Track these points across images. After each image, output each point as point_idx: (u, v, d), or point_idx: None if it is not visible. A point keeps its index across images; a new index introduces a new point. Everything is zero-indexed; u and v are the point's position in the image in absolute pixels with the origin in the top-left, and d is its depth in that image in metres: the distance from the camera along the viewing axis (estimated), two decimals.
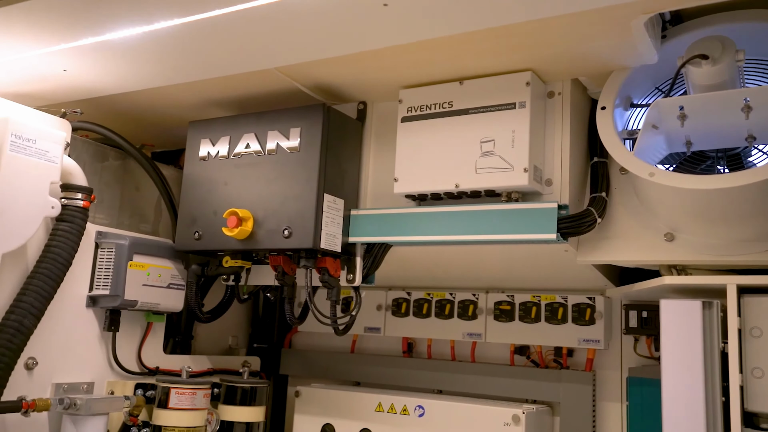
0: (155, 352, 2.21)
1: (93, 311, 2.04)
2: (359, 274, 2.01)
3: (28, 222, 1.74)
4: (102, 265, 2.03)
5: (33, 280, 1.78)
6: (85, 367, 2.00)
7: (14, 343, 1.70)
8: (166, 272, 2.15)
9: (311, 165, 1.89)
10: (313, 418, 2.24)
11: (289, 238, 1.88)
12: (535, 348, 2.21)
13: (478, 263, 2.11)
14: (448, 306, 2.31)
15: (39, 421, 1.86)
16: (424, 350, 2.42)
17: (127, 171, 2.29)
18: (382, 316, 2.44)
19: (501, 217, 1.71)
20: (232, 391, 2.21)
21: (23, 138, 1.72)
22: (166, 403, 2.00)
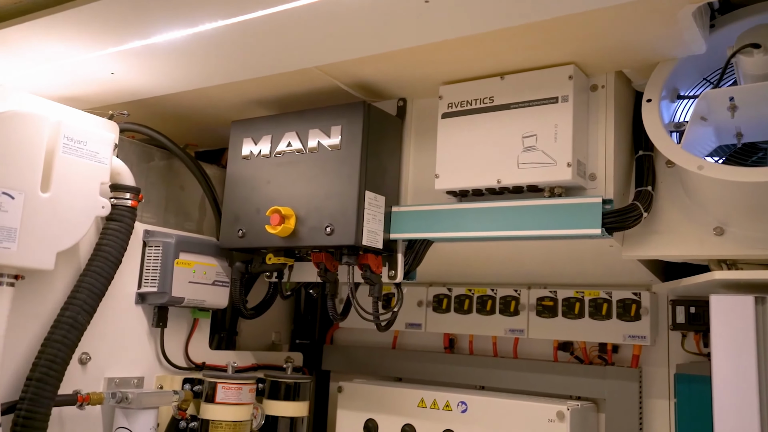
0: (201, 347, 2.26)
1: (142, 308, 2.09)
2: (401, 271, 2.02)
3: (81, 221, 1.79)
4: (150, 263, 2.09)
5: (85, 277, 1.83)
6: (136, 362, 2.05)
7: (69, 339, 1.75)
8: (211, 269, 2.19)
9: (352, 162, 1.90)
10: (355, 413, 2.26)
11: (331, 235, 1.90)
12: (579, 344, 2.19)
13: (519, 259, 2.09)
14: (489, 302, 2.30)
15: (93, 414, 1.92)
16: (466, 346, 2.42)
17: (172, 171, 2.34)
18: (423, 312, 2.44)
19: (544, 212, 1.70)
20: (276, 386, 2.24)
21: (75, 140, 1.77)
22: (213, 397, 2.04)
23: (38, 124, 1.69)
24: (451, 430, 2.06)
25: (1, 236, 1.58)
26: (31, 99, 1.84)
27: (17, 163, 1.63)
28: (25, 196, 1.64)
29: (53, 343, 1.73)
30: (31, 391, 1.67)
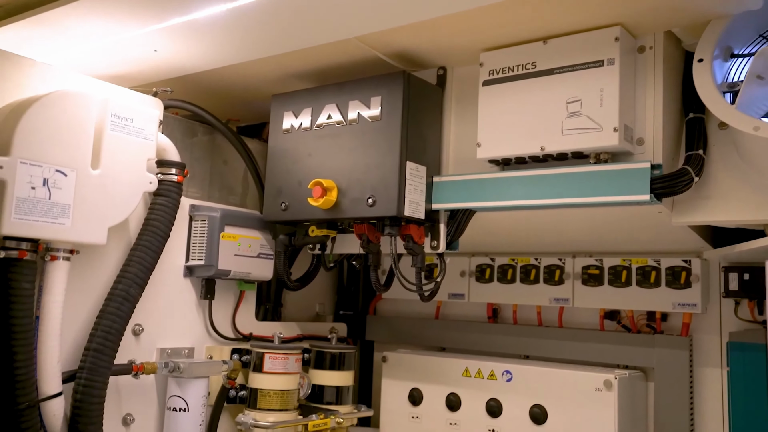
0: (248, 319, 2.30)
1: (190, 281, 2.14)
2: (443, 241, 2.01)
3: (130, 197, 1.83)
4: (196, 236, 2.13)
5: (136, 251, 1.88)
6: (186, 333, 2.11)
7: (122, 311, 1.81)
8: (255, 242, 2.22)
9: (393, 133, 1.89)
10: (400, 382, 2.28)
11: (373, 206, 1.91)
12: (627, 313, 2.16)
13: (564, 227, 2.07)
14: (533, 271, 2.29)
15: (147, 382, 1.99)
16: (510, 316, 2.41)
17: (215, 146, 2.37)
18: (466, 282, 2.44)
19: (590, 179, 1.66)
20: (322, 356, 2.28)
21: (122, 117, 1.81)
22: (260, 367, 2.09)
23: (87, 103, 1.73)
24: (496, 399, 2.07)
25: (56, 212, 1.63)
26: (79, 78, 1.88)
27: (68, 142, 1.67)
28: (77, 174, 1.68)
29: (108, 315, 1.79)
30: (89, 361, 1.74)
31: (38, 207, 1.60)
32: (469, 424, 2.11)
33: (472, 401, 2.11)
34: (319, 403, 2.23)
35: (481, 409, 2.09)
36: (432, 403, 2.19)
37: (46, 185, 1.61)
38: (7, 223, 1.54)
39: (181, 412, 1.94)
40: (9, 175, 1.55)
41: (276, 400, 2.07)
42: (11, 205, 1.55)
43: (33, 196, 1.59)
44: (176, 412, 1.94)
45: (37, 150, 1.60)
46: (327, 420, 2.12)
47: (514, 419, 2.02)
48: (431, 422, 2.18)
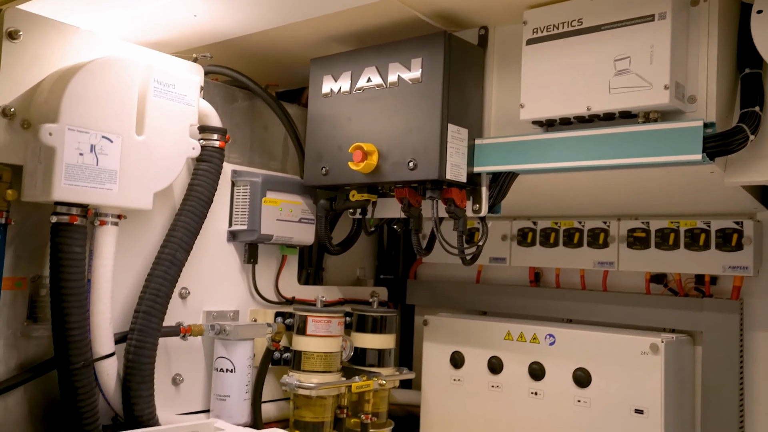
0: (290, 283, 2.33)
1: (233, 245, 2.17)
2: (485, 204, 1.99)
3: (174, 163, 1.85)
4: (239, 202, 2.15)
5: (181, 217, 1.91)
6: (230, 297, 2.15)
7: (170, 274, 1.85)
8: (297, 207, 2.24)
9: (434, 95, 1.87)
10: (441, 345, 2.29)
11: (414, 170, 1.89)
12: (674, 276, 2.11)
13: (609, 190, 2.02)
14: (576, 235, 2.25)
15: (195, 344, 2.04)
16: (552, 280, 2.39)
17: (255, 111, 2.38)
18: (508, 246, 2.42)
19: (639, 139, 1.61)
20: (364, 319, 2.30)
21: (164, 84, 1.82)
22: (304, 330, 2.12)
23: (130, 69, 1.74)
24: (538, 363, 2.06)
25: (104, 178, 1.66)
26: (121, 45, 1.89)
27: (113, 108, 1.69)
28: (122, 140, 1.71)
29: (155, 278, 1.83)
30: (139, 323, 1.79)
31: (86, 173, 1.63)
32: (511, 387, 2.11)
33: (514, 364, 2.11)
34: (361, 365, 2.26)
35: (523, 372, 2.09)
36: (473, 366, 2.20)
37: (93, 151, 1.64)
38: (58, 189, 1.58)
39: (228, 372, 1.99)
40: (58, 141, 1.58)
41: (319, 362, 2.11)
42: (61, 171, 1.58)
43: (81, 162, 1.62)
44: (223, 372, 1.99)
45: (83, 117, 1.63)
46: (370, 382, 2.15)
47: (557, 382, 2.02)
48: (473, 385, 2.19)
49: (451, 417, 2.23)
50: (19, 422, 1.71)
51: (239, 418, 1.98)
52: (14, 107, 1.64)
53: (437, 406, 2.28)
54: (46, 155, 1.58)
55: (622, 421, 1.89)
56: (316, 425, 2.08)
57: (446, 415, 2.25)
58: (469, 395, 2.20)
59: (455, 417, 2.22)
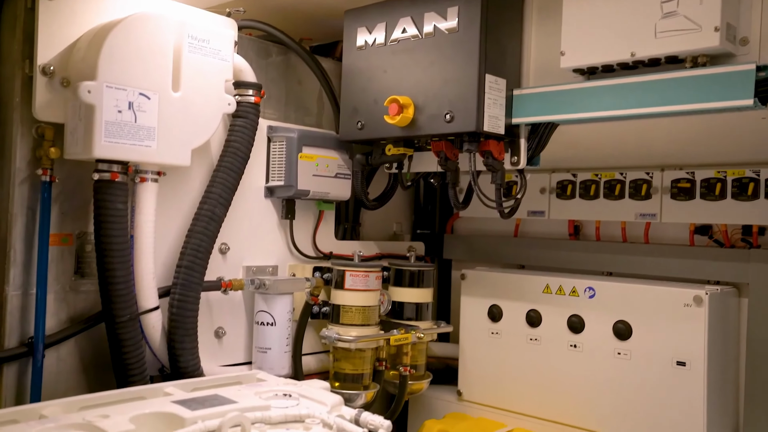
0: (328, 238, 2.35)
1: (271, 201, 2.18)
2: (524, 156, 1.96)
3: (210, 119, 1.86)
4: (275, 157, 2.15)
5: (219, 173, 1.92)
6: (269, 252, 2.18)
7: (209, 230, 1.87)
8: (332, 162, 2.23)
9: (471, 45, 1.82)
10: (479, 299, 2.29)
11: (450, 122, 1.86)
12: (720, 227, 2.06)
13: (653, 139, 1.97)
14: (618, 186, 2.20)
15: (236, 298, 2.08)
16: (592, 233, 2.35)
17: (289, 66, 2.36)
18: (547, 198, 2.38)
19: (686, 85, 1.55)
20: (401, 274, 2.31)
21: (198, 39, 1.81)
22: (342, 284, 2.14)
23: (165, 25, 1.73)
24: (578, 315, 2.05)
25: (142, 135, 1.68)
26: (155, 0, 1.88)
27: (149, 65, 1.70)
28: (159, 96, 1.71)
29: (196, 234, 1.86)
30: (181, 277, 1.82)
31: (125, 130, 1.64)
32: (549, 340, 2.11)
33: (553, 317, 2.10)
34: (399, 319, 2.28)
35: (562, 325, 2.08)
36: (512, 319, 2.20)
37: (132, 108, 1.65)
38: (98, 146, 1.60)
39: (269, 326, 2.03)
40: (96, 99, 1.59)
41: (358, 315, 2.13)
42: (101, 128, 1.60)
43: (120, 120, 1.63)
44: (264, 326, 2.03)
45: (120, 74, 1.64)
46: (408, 335, 2.17)
47: (597, 335, 2.01)
48: (511, 338, 2.20)
49: (488, 369, 2.25)
50: (72, 372, 1.78)
51: (280, 369, 2.02)
52: (53, 65, 1.65)
53: (475, 358, 2.29)
54: (86, 113, 1.60)
55: (663, 373, 1.88)
56: (355, 377, 2.11)
57: (484, 367, 2.26)
58: (507, 348, 2.20)
59: (493, 369, 2.24)
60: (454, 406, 2.33)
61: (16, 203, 1.69)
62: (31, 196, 1.71)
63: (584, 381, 2.02)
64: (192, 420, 1.25)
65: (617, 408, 1.96)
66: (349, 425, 1.34)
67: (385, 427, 1.39)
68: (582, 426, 2.02)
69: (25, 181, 1.70)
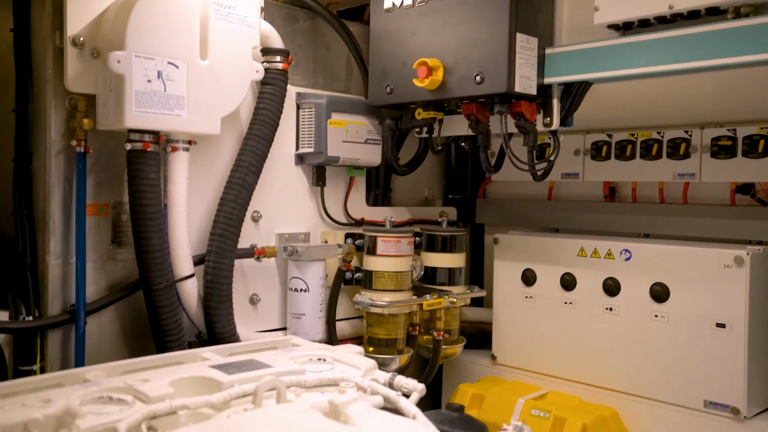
0: (359, 204, 2.35)
1: (301, 168, 2.18)
2: (556, 117, 1.92)
3: (239, 86, 1.85)
4: (304, 124, 2.15)
5: (249, 141, 1.92)
6: (301, 220, 2.18)
7: (241, 198, 1.88)
8: (362, 128, 2.22)
9: (501, 3, 1.78)
10: (512, 263, 2.27)
11: (481, 84, 1.83)
12: (762, 185, 1.99)
13: (692, 96, 1.91)
14: (655, 146, 2.14)
15: (269, 265, 2.10)
16: (628, 194, 2.30)
17: (317, 32, 2.33)
18: (581, 160, 2.34)
19: (728, 37, 1.49)
20: (433, 239, 2.31)
21: (224, 5, 1.79)
22: (374, 250, 2.14)
23: None
24: (613, 278, 2.02)
25: (172, 104, 1.68)
26: None
27: (177, 33, 1.69)
28: (188, 65, 1.71)
29: (228, 202, 1.87)
30: (215, 245, 1.84)
31: (155, 99, 1.65)
32: (584, 303, 2.09)
33: (588, 281, 2.08)
34: (432, 284, 2.28)
35: (597, 288, 2.05)
36: (546, 283, 2.18)
37: (161, 78, 1.66)
38: (129, 116, 1.61)
39: (302, 292, 2.05)
40: (126, 69, 1.60)
41: (390, 281, 2.13)
42: (131, 98, 1.61)
43: (150, 89, 1.64)
44: (297, 292, 2.05)
45: (148, 43, 1.64)
46: (441, 300, 2.17)
47: (633, 297, 1.98)
48: (545, 301, 2.18)
49: (522, 333, 2.24)
50: (113, 338, 1.83)
51: (314, 335, 2.05)
52: (83, 36, 1.66)
53: (509, 322, 2.29)
54: (116, 83, 1.61)
55: (702, 335, 1.84)
56: (389, 342, 2.13)
57: (518, 331, 2.25)
58: (542, 312, 2.19)
59: (527, 333, 2.23)
60: (488, 370, 2.33)
61: (53, 174, 1.72)
62: (67, 167, 1.74)
63: (620, 344, 2.00)
64: (229, 384, 1.27)
65: (654, 370, 1.93)
66: (383, 388, 1.35)
67: (419, 390, 1.39)
68: (618, 389, 2.00)
69: (60, 153, 1.73)
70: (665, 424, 1.91)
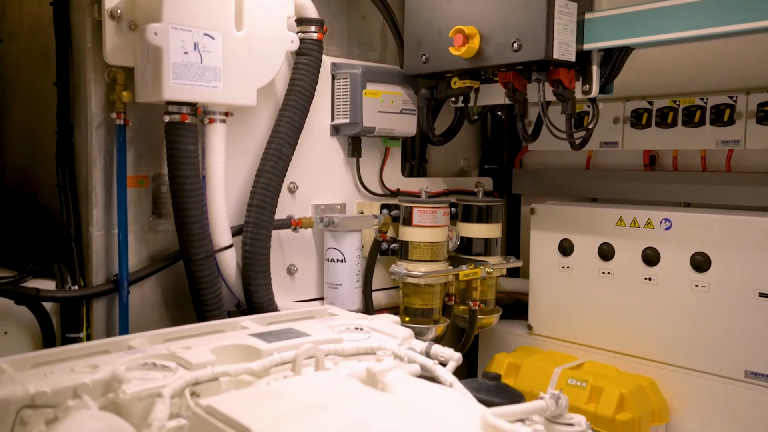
0: (394, 175, 2.34)
1: (337, 139, 2.18)
2: (596, 84, 1.87)
3: (274, 57, 1.85)
4: (340, 95, 2.14)
5: (284, 112, 1.93)
6: (337, 190, 2.19)
7: (278, 169, 1.89)
8: (397, 98, 2.20)
9: None
10: (549, 233, 2.25)
11: (518, 51, 1.80)
12: None
13: (738, 60, 1.84)
14: (698, 113, 2.08)
15: (306, 236, 2.11)
16: (669, 162, 2.25)
17: (351, 1, 2.31)
18: (620, 128, 2.29)
19: None
20: (469, 209, 2.29)
21: None
22: (410, 221, 2.14)
23: None
24: (653, 248, 1.99)
25: (209, 76, 1.69)
26: None
27: (212, 4, 1.69)
28: (223, 36, 1.71)
29: (264, 173, 1.88)
30: (253, 216, 1.87)
31: (192, 71, 1.66)
32: (623, 273, 2.06)
33: (627, 250, 2.05)
34: (468, 254, 2.28)
35: (636, 258, 2.02)
36: (583, 253, 2.15)
37: (197, 49, 1.66)
38: (167, 88, 1.62)
39: (339, 263, 2.06)
40: (163, 41, 1.61)
41: (426, 251, 2.13)
42: (168, 70, 1.62)
43: (187, 61, 1.65)
44: (334, 262, 2.07)
45: (184, 15, 1.64)
46: (477, 270, 2.16)
47: (673, 267, 1.94)
48: (583, 272, 2.16)
49: (559, 304, 2.23)
50: (155, 307, 1.87)
51: (351, 304, 2.07)
52: (120, 9, 1.67)
53: (545, 293, 2.27)
54: (154, 55, 1.62)
55: (744, 304, 1.81)
56: (425, 312, 2.14)
57: (554, 301, 2.24)
58: (579, 282, 2.17)
59: (564, 304, 2.21)
60: (524, 340, 2.33)
61: (94, 147, 1.75)
62: (108, 139, 1.77)
63: (659, 314, 1.97)
64: (268, 352, 1.29)
65: (694, 341, 1.91)
66: (420, 357, 1.35)
67: (456, 359, 1.40)
68: (656, 358, 1.99)
69: (101, 125, 1.76)
70: (705, 394, 1.89)
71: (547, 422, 1.15)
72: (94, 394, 1.11)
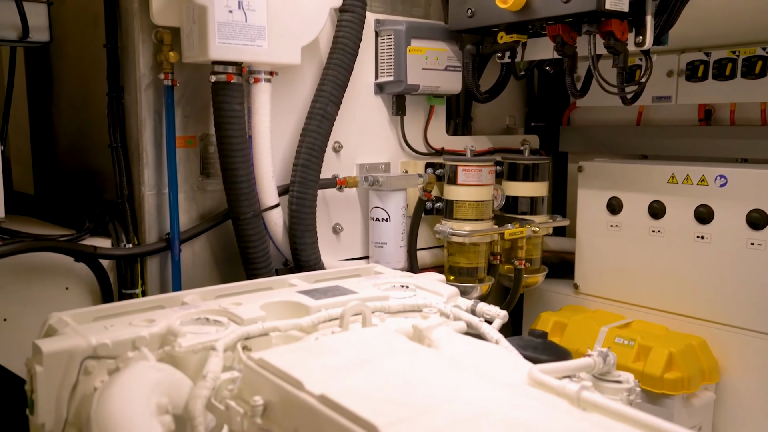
0: (439, 133, 2.32)
1: (381, 98, 2.17)
2: (650, 35, 1.80)
3: (318, 14, 1.84)
4: (383, 52, 2.11)
5: (328, 70, 1.92)
6: (381, 150, 2.19)
7: (322, 128, 1.90)
8: (442, 55, 2.16)
9: None
10: (597, 192, 2.21)
11: (568, 2, 1.73)
12: None
13: None
14: (759, 63, 1.99)
15: (351, 195, 2.12)
16: (726, 116, 2.17)
17: None
18: (674, 82, 2.21)
19: None
20: (515, 168, 2.26)
21: None
22: (455, 179, 2.12)
23: None
24: (706, 205, 1.93)
25: (253, 35, 1.69)
26: None
27: None
28: None
29: (309, 132, 1.89)
30: (298, 175, 1.88)
31: (237, 30, 1.66)
32: (674, 232, 2.01)
33: (679, 208, 1.99)
34: (513, 213, 2.26)
35: (688, 215, 1.97)
36: (633, 211, 2.11)
37: (242, 8, 1.66)
38: (213, 48, 1.63)
39: (383, 221, 2.07)
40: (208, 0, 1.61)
41: (471, 210, 2.12)
42: (214, 30, 1.62)
43: (232, 20, 1.65)
44: (379, 222, 2.07)
45: None
46: (523, 229, 2.15)
47: (728, 225, 1.89)
48: (632, 230, 2.12)
49: (607, 263, 2.20)
50: (205, 265, 1.92)
51: (396, 263, 2.08)
52: None
53: (592, 252, 2.24)
54: (199, 15, 1.63)
55: None
56: (470, 270, 2.14)
57: (602, 261, 2.21)
58: (628, 241, 2.13)
59: (611, 263, 2.18)
60: (570, 299, 2.31)
61: (143, 108, 1.78)
62: (156, 100, 1.79)
63: (712, 273, 1.93)
64: (316, 308, 1.32)
65: (748, 299, 1.86)
66: (465, 314, 1.36)
67: (502, 316, 1.40)
68: (707, 318, 1.95)
69: (150, 86, 1.78)
70: (757, 354, 1.85)
71: (595, 379, 1.15)
72: (152, 347, 1.16)
